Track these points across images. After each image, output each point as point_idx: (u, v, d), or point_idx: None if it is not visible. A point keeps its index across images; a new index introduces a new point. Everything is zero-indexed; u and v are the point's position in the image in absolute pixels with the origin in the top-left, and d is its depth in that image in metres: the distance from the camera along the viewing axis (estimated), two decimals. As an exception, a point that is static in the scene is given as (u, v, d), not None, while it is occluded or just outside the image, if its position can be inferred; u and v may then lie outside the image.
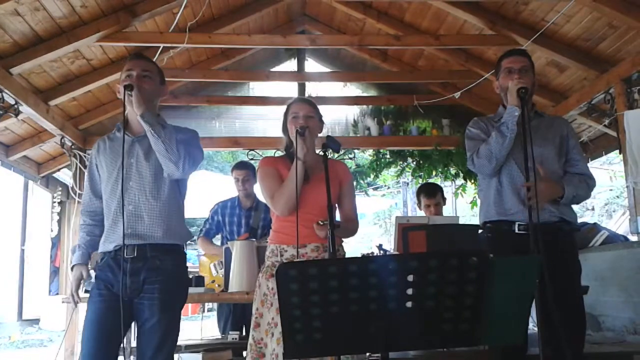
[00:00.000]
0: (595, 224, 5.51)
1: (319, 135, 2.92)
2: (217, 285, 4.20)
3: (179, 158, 2.58)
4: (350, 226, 2.85)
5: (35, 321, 9.90)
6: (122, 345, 2.52)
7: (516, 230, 2.78)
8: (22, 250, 9.83)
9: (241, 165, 4.85)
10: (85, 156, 6.06)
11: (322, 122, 2.92)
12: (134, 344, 2.66)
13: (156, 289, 2.53)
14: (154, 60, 5.35)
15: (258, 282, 2.80)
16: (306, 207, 2.69)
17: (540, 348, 2.32)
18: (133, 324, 2.70)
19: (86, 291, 2.94)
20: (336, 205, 2.88)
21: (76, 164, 6.08)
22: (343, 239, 2.90)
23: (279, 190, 2.74)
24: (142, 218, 2.58)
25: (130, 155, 2.64)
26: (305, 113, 2.82)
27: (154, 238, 2.57)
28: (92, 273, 2.74)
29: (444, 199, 4.76)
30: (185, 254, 2.78)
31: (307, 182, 2.74)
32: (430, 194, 4.66)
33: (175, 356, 3.62)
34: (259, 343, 2.70)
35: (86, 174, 2.81)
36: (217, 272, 4.32)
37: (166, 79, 6.52)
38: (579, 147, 3.02)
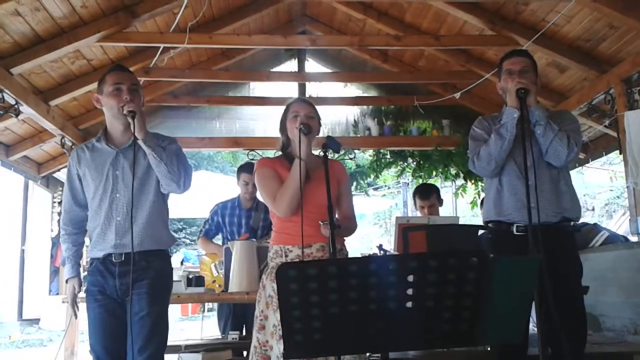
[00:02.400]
0: (595, 224, 5.51)
1: (317, 136, 2.91)
2: (217, 286, 4.20)
3: (180, 177, 2.69)
4: (350, 225, 2.85)
5: (36, 321, 9.91)
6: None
7: (515, 232, 2.78)
8: (23, 250, 9.84)
9: (252, 170, 4.78)
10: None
11: (320, 124, 2.91)
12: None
13: (144, 284, 2.64)
14: (154, 60, 5.43)
15: (262, 283, 2.77)
16: (308, 206, 2.68)
17: (539, 349, 2.32)
18: None
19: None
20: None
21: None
22: (344, 239, 2.90)
23: (280, 191, 2.72)
24: (130, 229, 2.64)
25: (116, 167, 2.71)
26: (306, 113, 2.81)
27: (142, 246, 2.66)
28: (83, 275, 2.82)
29: (441, 200, 4.75)
30: (170, 255, 2.88)
31: (308, 181, 2.72)
32: (425, 195, 4.66)
33: (175, 356, 3.64)
34: (264, 345, 2.67)
35: (66, 183, 2.85)
36: (218, 272, 4.32)
37: (167, 79, 6.56)
38: (576, 127, 2.95)
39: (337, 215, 2.87)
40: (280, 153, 2.95)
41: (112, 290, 2.65)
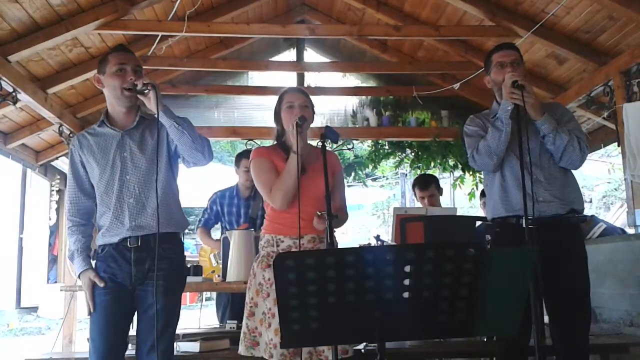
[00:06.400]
0: (592, 216, 5.52)
1: (312, 125, 2.91)
2: (216, 276, 4.21)
3: (203, 146, 2.61)
4: (342, 216, 2.86)
5: (34, 309, 9.94)
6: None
7: (523, 225, 2.79)
8: (21, 239, 9.85)
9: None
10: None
11: (314, 112, 2.90)
12: (132, 332, 2.66)
13: (160, 276, 2.52)
14: (152, 48, 5.41)
15: (253, 271, 2.78)
16: (302, 197, 2.68)
17: (535, 341, 2.34)
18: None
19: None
20: None
21: (70, 154, 6.07)
22: (336, 230, 2.90)
23: (276, 185, 2.72)
24: (144, 209, 2.58)
25: (123, 149, 2.63)
26: (300, 103, 2.80)
27: (157, 228, 2.53)
28: (92, 262, 2.73)
29: (440, 190, 4.77)
30: (183, 242, 2.78)
31: (304, 173, 2.72)
32: (424, 185, 4.69)
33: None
34: (252, 332, 2.70)
35: (70, 172, 2.74)
36: (217, 262, 4.33)
37: (165, 68, 6.53)
38: (575, 124, 2.96)
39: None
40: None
41: (126, 277, 2.55)
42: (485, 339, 3.40)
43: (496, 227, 2.95)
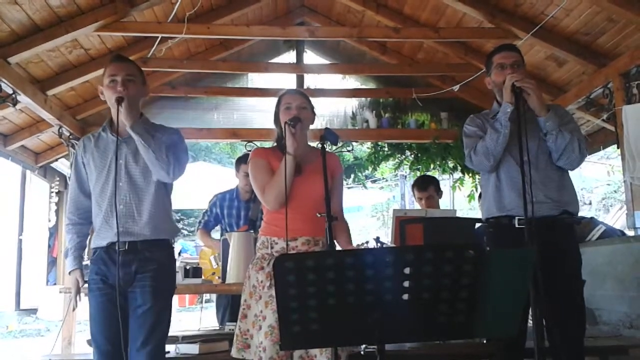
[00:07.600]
0: (592, 218, 5.52)
1: (312, 127, 2.90)
2: (217, 277, 4.21)
3: (168, 165, 2.69)
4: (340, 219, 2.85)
5: (33, 311, 9.93)
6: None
7: (516, 225, 2.79)
8: (20, 240, 9.84)
9: None
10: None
11: (314, 114, 2.89)
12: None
13: (148, 277, 2.64)
14: (152, 50, 5.41)
15: (248, 273, 2.77)
16: (299, 199, 2.68)
17: (535, 342, 2.33)
18: None
19: (86, 281, 2.99)
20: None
21: (74, 154, 6.08)
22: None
23: (269, 184, 2.72)
24: (133, 217, 2.68)
25: (119, 156, 2.72)
26: (298, 104, 2.80)
27: (144, 236, 2.68)
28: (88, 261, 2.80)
29: (440, 192, 4.77)
30: (173, 247, 2.88)
31: (300, 174, 2.71)
32: (422, 186, 4.69)
33: (173, 347, 3.65)
34: (244, 334, 2.69)
35: (72, 172, 2.88)
36: (217, 264, 4.33)
37: (164, 70, 6.53)
38: (575, 125, 2.97)
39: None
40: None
41: (115, 279, 2.63)
42: (485, 341, 3.39)
43: (490, 228, 2.96)
